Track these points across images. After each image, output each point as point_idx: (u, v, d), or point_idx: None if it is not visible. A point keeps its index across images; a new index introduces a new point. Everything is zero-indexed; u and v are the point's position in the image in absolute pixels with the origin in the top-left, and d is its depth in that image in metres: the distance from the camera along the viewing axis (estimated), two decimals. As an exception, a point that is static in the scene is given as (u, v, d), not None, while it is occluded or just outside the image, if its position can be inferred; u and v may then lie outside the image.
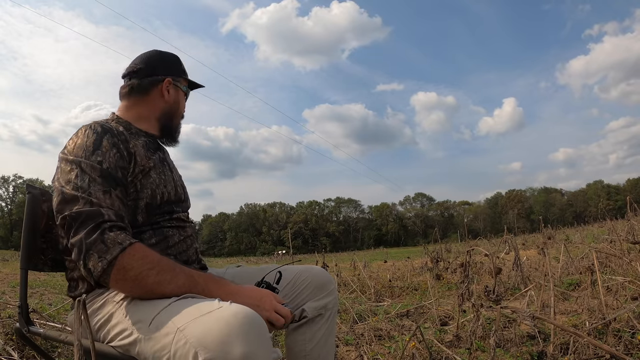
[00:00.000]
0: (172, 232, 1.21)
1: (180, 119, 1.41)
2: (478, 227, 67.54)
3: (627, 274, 3.34)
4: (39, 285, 6.17)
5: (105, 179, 1.06)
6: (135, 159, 1.17)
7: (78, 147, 1.10)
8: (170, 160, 1.38)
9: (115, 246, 0.97)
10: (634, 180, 75.60)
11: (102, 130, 1.13)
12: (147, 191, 1.17)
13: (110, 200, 1.05)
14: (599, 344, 1.67)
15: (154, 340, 0.91)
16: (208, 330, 0.82)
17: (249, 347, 0.80)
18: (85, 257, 0.98)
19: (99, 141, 1.10)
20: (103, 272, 0.97)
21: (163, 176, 1.24)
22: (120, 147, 1.13)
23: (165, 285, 0.99)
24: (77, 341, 0.76)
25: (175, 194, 1.26)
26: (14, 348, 2.13)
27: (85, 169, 1.06)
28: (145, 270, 0.98)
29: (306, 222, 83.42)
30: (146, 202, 1.16)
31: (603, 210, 15.27)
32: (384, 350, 2.45)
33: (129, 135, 1.21)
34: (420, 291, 4.77)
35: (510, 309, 2.26)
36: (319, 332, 1.34)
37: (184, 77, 1.40)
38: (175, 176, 1.33)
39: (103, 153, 1.09)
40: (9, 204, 71.02)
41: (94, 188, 1.04)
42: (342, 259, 12.26)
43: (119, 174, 1.10)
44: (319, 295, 1.36)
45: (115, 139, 1.13)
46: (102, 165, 1.07)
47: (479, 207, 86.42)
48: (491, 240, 11.41)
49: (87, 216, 1.00)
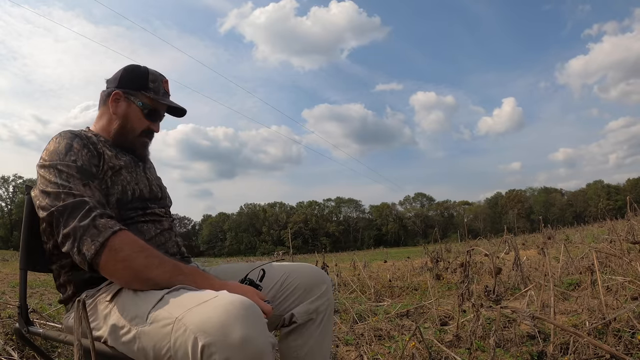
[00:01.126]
0: (147, 226, 1.23)
1: (135, 135, 1.33)
2: (478, 227, 67.52)
3: (627, 274, 3.34)
4: (38, 285, 6.18)
5: (82, 174, 1.11)
6: (104, 158, 1.21)
7: (52, 153, 1.15)
8: (147, 165, 1.40)
9: (106, 229, 1.02)
10: (634, 180, 75.61)
11: (72, 135, 1.19)
12: (117, 187, 1.20)
13: (91, 191, 1.09)
14: (599, 344, 1.67)
15: (153, 334, 0.92)
16: (207, 317, 0.84)
17: (248, 331, 0.82)
18: (79, 242, 1.02)
19: (69, 144, 1.16)
20: (96, 254, 1.00)
21: (135, 175, 1.27)
22: (90, 148, 1.19)
23: (153, 268, 1.01)
24: (77, 341, 0.76)
25: (149, 192, 1.29)
26: (13, 348, 2.13)
27: (61, 169, 1.11)
28: (134, 253, 1.01)
29: (306, 222, 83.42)
30: (117, 198, 1.19)
31: (603, 210, 15.27)
32: (384, 350, 2.45)
33: (98, 140, 1.25)
34: (420, 291, 4.77)
35: (510, 309, 2.26)
36: (311, 338, 1.29)
37: (143, 92, 1.32)
38: (151, 177, 1.36)
39: (75, 153, 1.15)
40: (9, 204, 71.04)
41: (73, 182, 1.09)
42: (342, 259, 12.26)
43: (93, 169, 1.16)
44: (309, 298, 1.30)
45: (85, 141, 1.19)
46: (77, 163, 1.13)
47: (479, 207, 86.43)
48: (491, 240, 11.40)
49: (74, 207, 1.04)
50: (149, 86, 1.33)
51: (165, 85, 1.38)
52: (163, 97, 1.35)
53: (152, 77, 1.35)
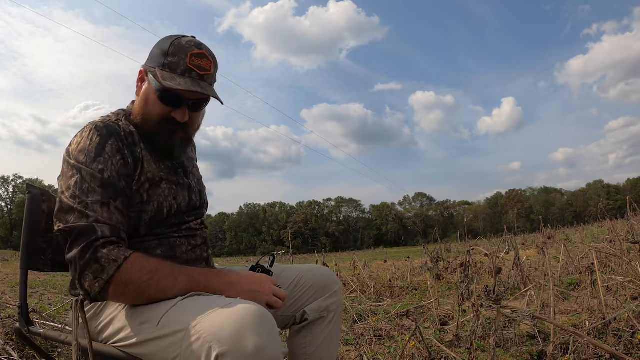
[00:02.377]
0: (179, 241, 1.16)
1: (154, 123, 1.12)
2: (478, 227, 67.48)
3: (627, 274, 3.33)
4: (39, 285, 6.17)
5: (105, 189, 1.01)
6: (142, 166, 1.10)
7: (80, 150, 1.04)
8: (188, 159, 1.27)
9: (110, 264, 0.94)
10: (634, 180, 75.62)
11: (107, 132, 1.06)
12: (153, 204, 1.10)
13: (108, 214, 1.00)
14: (599, 343, 1.67)
15: (162, 339, 0.91)
16: (220, 325, 0.83)
17: (261, 340, 0.81)
18: (80, 277, 0.96)
19: (101, 146, 1.04)
20: (101, 292, 0.95)
21: (175, 186, 1.17)
22: (125, 153, 1.07)
23: (168, 291, 0.98)
24: (75, 341, 0.76)
25: (188, 204, 1.20)
26: (14, 348, 2.13)
27: (85, 177, 1.01)
28: (144, 282, 0.96)
29: (306, 222, 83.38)
30: (150, 216, 1.10)
31: (603, 210, 15.22)
32: (384, 350, 2.45)
33: (139, 137, 1.13)
34: (420, 291, 4.76)
35: (510, 309, 2.25)
36: (320, 335, 1.31)
37: (160, 68, 1.09)
38: (193, 181, 1.25)
39: (105, 160, 1.03)
40: (9, 204, 71.05)
41: (91, 199, 0.99)
42: (342, 259, 12.26)
43: (122, 182, 1.05)
44: (322, 297, 1.32)
45: (120, 144, 1.07)
46: (104, 174, 1.02)
47: (479, 207, 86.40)
48: (491, 240, 11.39)
49: (80, 233, 0.97)
50: (165, 61, 1.09)
51: (194, 61, 1.09)
52: (174, 77, 1.08)
53: (172, 50, 1.09)
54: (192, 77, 1.09)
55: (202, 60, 1.11)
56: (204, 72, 1.11)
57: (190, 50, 1.10)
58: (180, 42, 1.11)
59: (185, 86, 1.06)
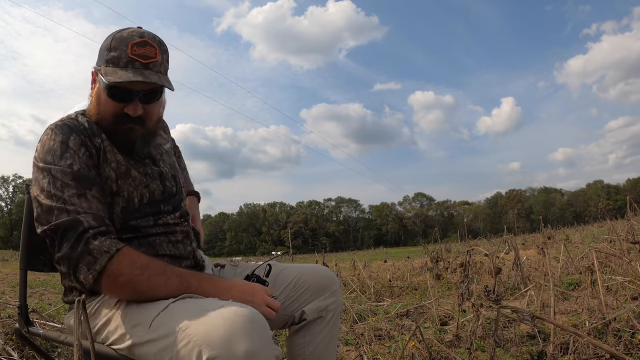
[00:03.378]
0: (159, 239, 1.14)
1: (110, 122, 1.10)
2: (478, 227, 67.48)
3: (627, 274, 3.33)
4: (38, 285, 6.17)
5: (78, 181, 1.01)
6: (106, 156, 1.09)
7: (46, 151, 1.04)
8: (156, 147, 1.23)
9: (102, 255, 0.95)
10: (633, 180, 75.66)
11: (68, 129, 1.07)
12: (123, 194, 1.10)
13: (87, 203, 1.00)
14: (599, 343, 1.67)
15: (155, 342, 0.90)
16: (211, 329, 0.82)
17: (253, 344, 0.80)
18: (74, 271, 0.97)
19: (65, 143, 1.04)
20: (94, 282, 0.96)
21: (144, 176, 1.15)
22: (89, 145, 1.07)
23: (159, 289, 0.98)
24: (77, 342, 0.76)
25: (162, 191, 1.18)
26: (13, 348, 2.13)
27: (56, 175, 1.01)
28: (135, 276, 0.96)
29: (306, 222, 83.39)
30: (122, 207, 1.10)
31: (603, 210, 15.21)
32: (384, 350, 2.45)
33: (98, 129, 1.11)
34: (420, 291, 4.76)
35: (510, 309, 2.25)
36: (319, 334, 1.30)
37: (105, 64, 1.07)
38: (164, 167, 1.22)
39: (72, 155, 1.03)
40: (9, 204, 71.07)
41: (67, 193, 0.99)
42: (342, 259, 12.26)
43: (92, 172, 1.05)
44: (321, 297, 1.31)
45: (82, 137, 1.07)
46: (73, 168, 1.02)
47: (479, 207, 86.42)
48: (491, 240, 11.39)
49: (66, 228, 0.97)
50: (108, 57, 1.06)
51: (135, 50, 1.04)
52: (116, 70, 1.04)
53: (114, 43, 1.06)
54: (135, 68, 1.05)
55: (145, 49, 1.06)
56: (147, 60, 1.06)
57: (131, 40, 1.05)
58: (122, 34, 1.07)
59: (125, 77, 1.02)
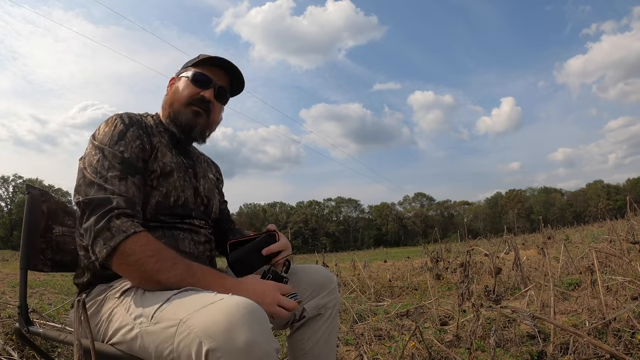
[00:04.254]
0: (183, 235, 1.21)
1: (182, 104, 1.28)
2: (478, 227, 67.52)
3: (627, 274, 3.33)
4: (38, 285, 6.18)
5: (124, 166, 1.10)
6: (157, 155, 1.20)
7: (105, 134, 1.15)
8: (200, 168, 1.37)
9: (119, 234, 1.01)
10: (634, 180, 75.68)
11: (130, 122, 1.18)
12: (161, 189, 1.19)
13: (125, 187, 1.08)
14: (599, 343, 1.67)
15: (156, 334, 0.92)
16: (211, 321, 0.83)
17: (253, 336, 0.81)
18: (93, 243, 1.03)
19: (123, 132, 1.15)
20: (106, 257, 1.01)
21: (182, 182, 1.24)
22: (144, 140, 1.18)
23: (163, 272, 1.00)
24: (77, 341, 0.76)
25: (194, 202, 1.27)
26: (13, 348, 2.13)
27: (107, 155, 1.11)
28: (145, 257, 1.00)
29: (306, 222, 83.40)
30: (157, 201, 1.18)
31: (603, 210, 15.20)
32: (384, 350, 2.45)
33: (157, 130, 1.25)
34: (420, 291, 4.77)
35: (510, 309, 2.25)
36: (318, 331, 1.33)
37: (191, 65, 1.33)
38: (202, 186, 1.32)
39: (126, 143, 1.14)
40: (9, 204, 71.04)
41: (111, 174, 1.08)
42: (342, 259, 12.26)
43: (139, 163, 1.15)
44: (320, 295, 1.34)
45: (141, 131, 1.18)
46: (124, 154, 1.12)
47: (479, 207, 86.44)
48: (491, 240, 11.40)
49: (98, 204, 1.04)
50: (192, 64, 1.32)
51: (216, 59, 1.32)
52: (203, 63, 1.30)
53: (200, 56, 1.34)
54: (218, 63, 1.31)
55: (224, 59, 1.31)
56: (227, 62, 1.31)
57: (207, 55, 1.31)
58: (204, 54, 1.33)
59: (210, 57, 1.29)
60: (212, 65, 1.31)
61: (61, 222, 1.37)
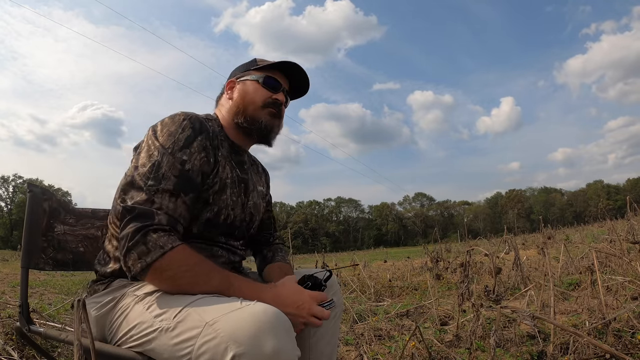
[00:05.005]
0: (221, 252, 1.21)
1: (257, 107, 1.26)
2: (478, 227, 67.53)
3: (627, 274, 3.33)
4: (38, 285, 6.18)
5: (180, 180, 1.04)
6: (218, 170, 1.16)
7: (169, 135, 1.08)
8: (252, 181, 1.32)
9: (156, 249, 0.96)
10: (633, 180, 75.70)
11: (200, 128, 1.12)
12: (214, 207, 1.15)
13: (174, 205, 1.03)
14: (599, 343, 1.67)
15: (175, 333, 0.90)
16: (239, 326, 0.82)
17: (280, 343, 0.81)
18: (126, 254, 0.98)
19: (191, 139, 1.09)
20: (141, 272, 0.97)
21: (235, 198, 1.22)
22: (210, 153, 1.13)
23: (199, 286, 0.98)
24: (77, 341, 0.76)
25: (241, 220, 1.25)
26: (13, 348, 2.13)
27: (165, 162, 1.04)
28: (180, 272, 0.98)
29: (306, 222, 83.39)
30: (208, 217, 1.14)
31: (603, 210, 15.21)
32: (384, 350, 2.45)
33: (221, 140, 1.21)
34: (420, 291, 4.77)
35: (510, 309, 2.25)
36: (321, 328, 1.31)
37: (253, 69, 1.31)
38: (249, 202, 1.29)
39: (191, 153, 1.08)
40: (9, 203, 71.01)
41: (163, 186, 1.02)
42: (342, 259, 12.26)
43: (198, 179, 1.09)
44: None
45: (208, 142, 1.13)
46: (184, 166, 1.06)
47: (479, 207, 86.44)
48: (491, 240, 11.39)
49: (139, 214, 0.99)
50: (256, 64, 1.31)
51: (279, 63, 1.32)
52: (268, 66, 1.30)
53: (258, 59, 1.33)
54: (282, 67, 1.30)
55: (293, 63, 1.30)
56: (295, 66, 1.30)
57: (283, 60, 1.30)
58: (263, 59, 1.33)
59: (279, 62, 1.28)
60: (276, 69, 1.30)
61: (63, 221, 1.36)
